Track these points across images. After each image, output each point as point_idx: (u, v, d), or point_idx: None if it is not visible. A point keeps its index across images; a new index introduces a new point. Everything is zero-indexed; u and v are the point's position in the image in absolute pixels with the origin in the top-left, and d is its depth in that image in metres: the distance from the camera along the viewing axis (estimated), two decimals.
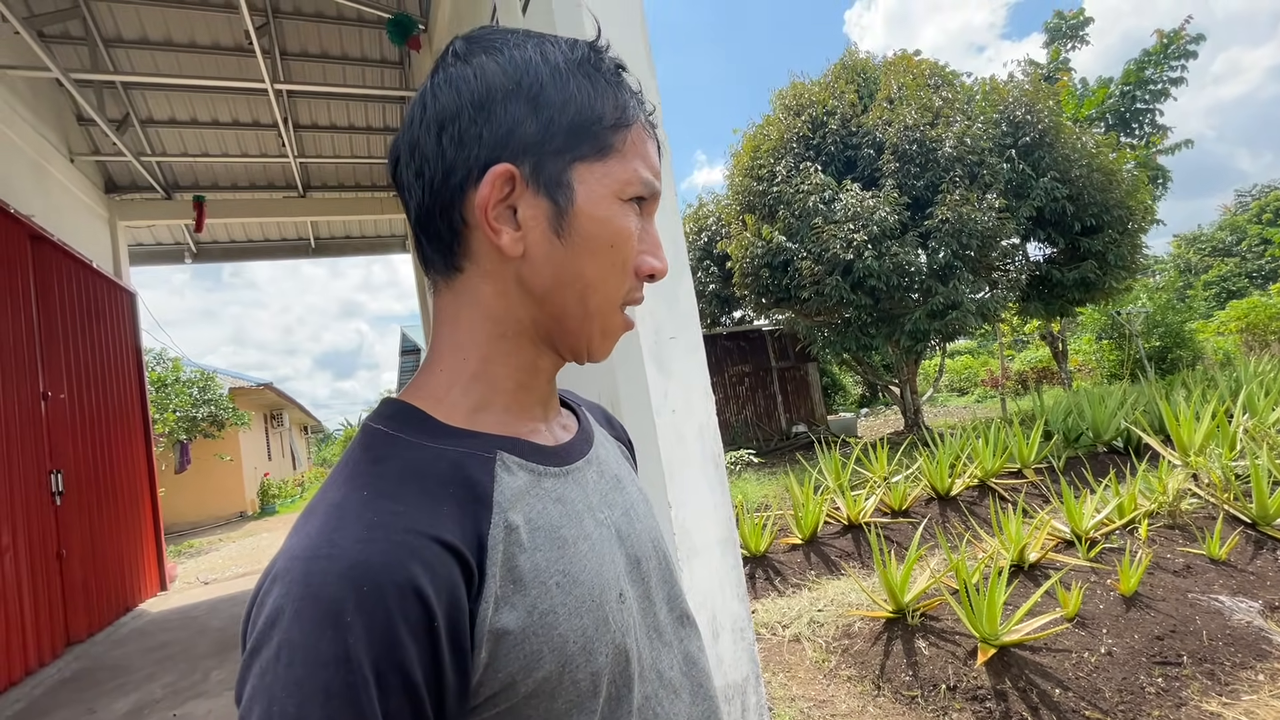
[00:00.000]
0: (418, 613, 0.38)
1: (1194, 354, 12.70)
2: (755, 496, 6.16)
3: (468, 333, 0.51)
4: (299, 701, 0.35)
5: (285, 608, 0.37)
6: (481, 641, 0.41)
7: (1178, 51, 12.32)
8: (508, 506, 0.46)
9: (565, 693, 0.44)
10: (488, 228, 0.48)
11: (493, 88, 0.47)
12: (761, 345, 13.00)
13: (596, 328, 0.52)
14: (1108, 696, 2.29)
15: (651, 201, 0.52)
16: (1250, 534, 3.27)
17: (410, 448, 0.46)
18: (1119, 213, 8.79)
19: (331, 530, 0.40)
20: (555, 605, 0.44)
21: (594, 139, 0.49)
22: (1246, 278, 21.78)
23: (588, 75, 0.49)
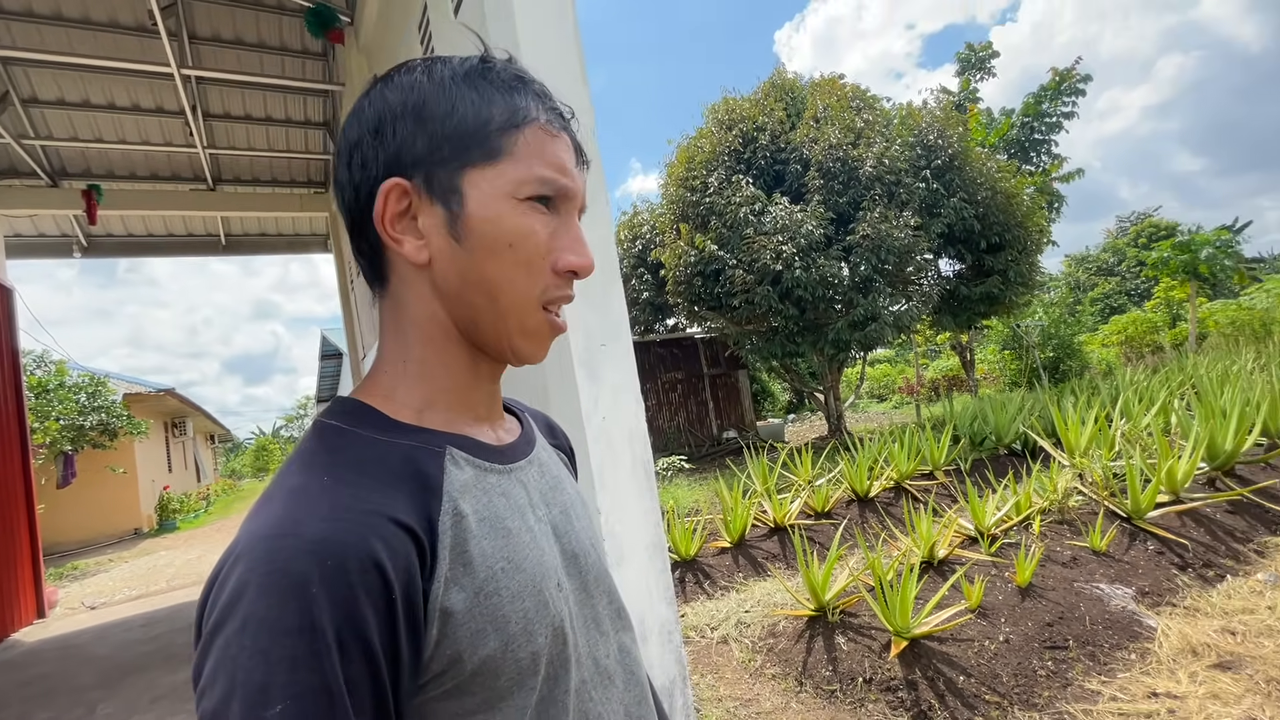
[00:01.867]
0: (378, 585, 0.40)
1: (1082, 364, 13.93)
2: (686, 501, 6.25)
3: (403, 338, 0.54)
4: (265, 670, 0.37)
5: (250, 583, 0.38)
6: (433, 619, 0.43)
7: (1069, 89, 13.53)
8: (457, 496, 0.48)
9: (507, 671, 0.46)
10: (388, 238, 0.51)
11: (384, 112, 0.51)
12: (694, 352, 13.23)
13: (513, 327, 0.53)
14: (1005, 680, 2.47)
15: (563, 199, 0.53)
16: (1126, 527, 3.61)
17: (363, 441, 0.48)
18: (1019, 233, 9.53)
19: (294, 511, 0.42)
20: (499, 588, 0.47)
21: (482, 144, 0.50)
22: (1126, 295, 24.10)
23: (473, 85, 0.51)
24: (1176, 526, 3.62)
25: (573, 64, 1.70)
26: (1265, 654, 2.48)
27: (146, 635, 5.19)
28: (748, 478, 5.54)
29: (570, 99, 0.66)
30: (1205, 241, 12.78)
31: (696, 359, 13.24)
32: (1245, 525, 3.71)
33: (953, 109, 10.46)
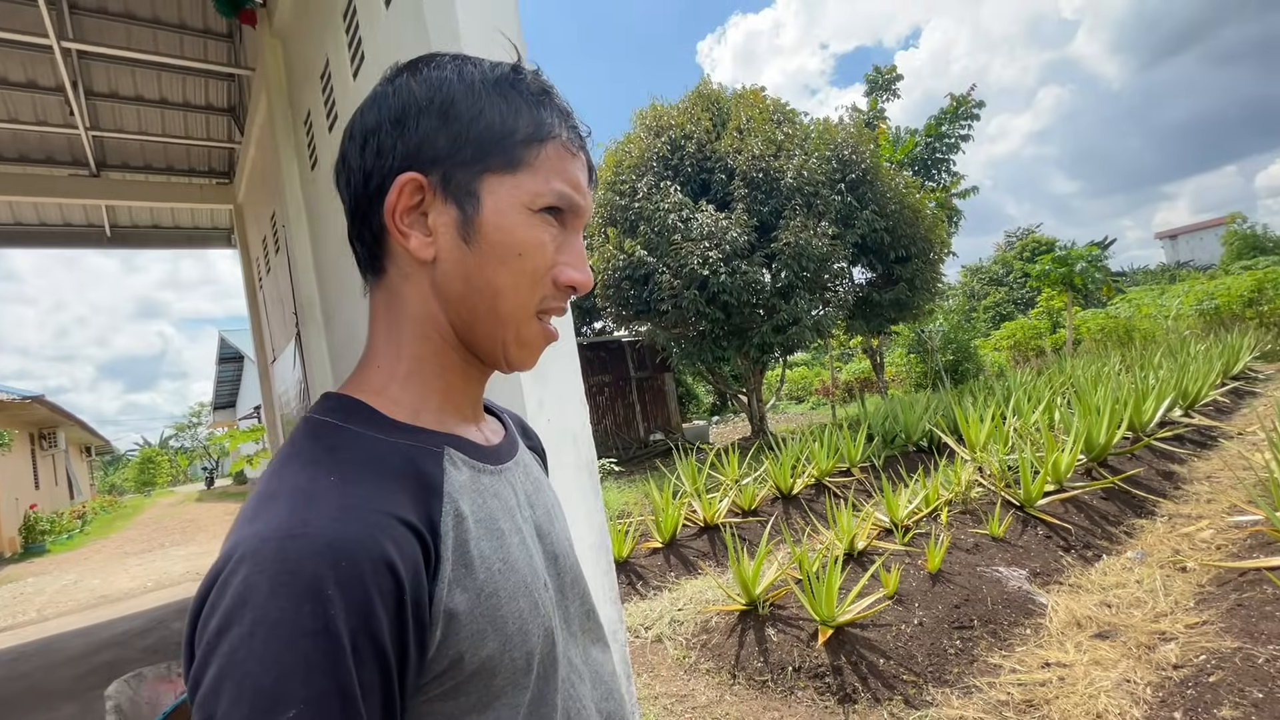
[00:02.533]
0: (390, 586, 0.40)
1: (978, 366, 15.12)
2: (616, 504, 6.28)
3: (398, 332, 0.53)
4: (278, 674, 0.36)
5: (259, 585, 0.37)
6: (438, 620, 0.43)
7: (966, 113, 14.66)
8: (457, 497, 0.48)
9: (504, 671, 0.47)
10: (396, 231, 0.51)
11: (409, 104, 0.50)
12: (621, 356, 13.30)
13: (510, 335, 0.53)
14: (920, 660, 2.66)
15: (572, 215, 0.54)
16: (1020, 514, 3.97)
17: (362, 439, 0.48)
18: (923, 245, 10.24)
19: (303, 510, 0.41)
20: (498, 589, 0.47)
21: (504, 152, 0.51)
22: (1014, 304, 26.36)
23: (503, 93, 0.51)
24: (1061, 513, 4.01)
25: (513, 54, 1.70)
26: (1135, 622, 2.80)
27: (14, 672, 4.63)
28: (677, 479, 5.64)
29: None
30: (1079, 256, 14.21)
31: (623, 362, 13.32)
32: (1116, 510, 4.17)
33: (864, 126, 11.10)
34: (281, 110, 3.95)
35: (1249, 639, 2.38)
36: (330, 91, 2.96)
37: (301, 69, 3.58)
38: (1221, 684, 2.17)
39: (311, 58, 3.28)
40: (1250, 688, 2.11)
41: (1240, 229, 28.34)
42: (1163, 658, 2.46)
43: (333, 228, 3.26)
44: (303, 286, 3.84)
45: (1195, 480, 4.80)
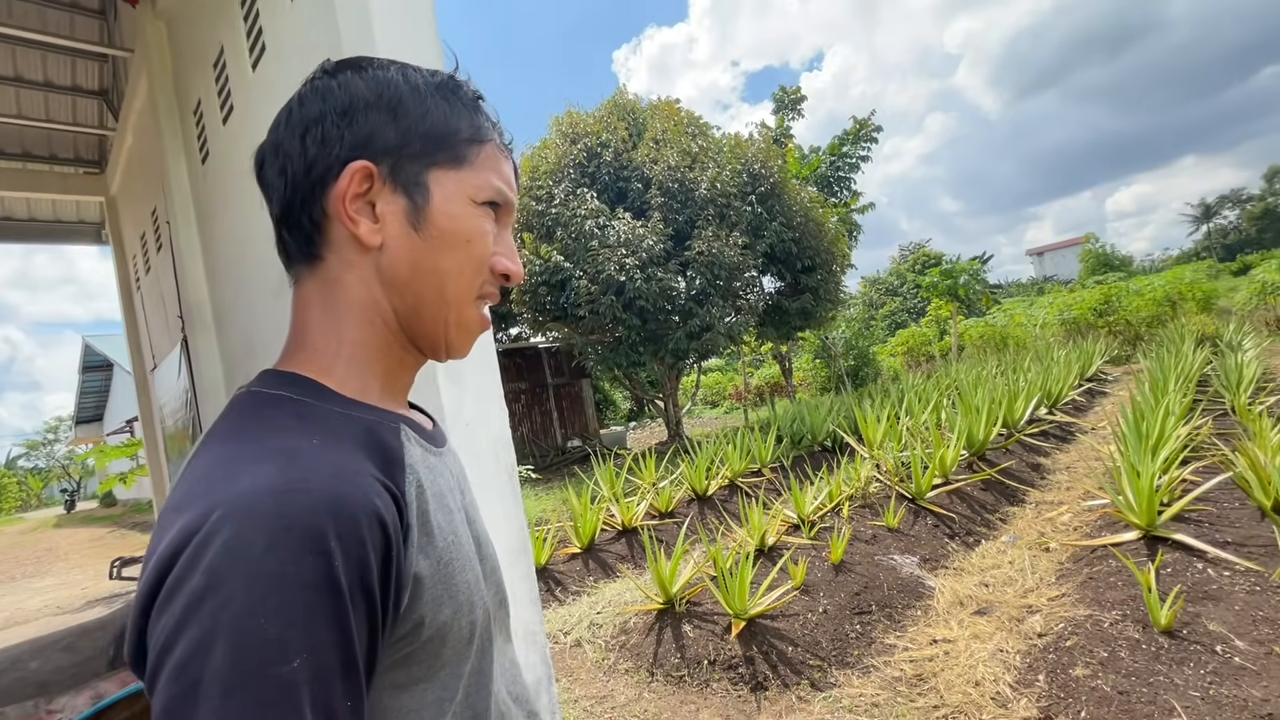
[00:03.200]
0: (382, 541, 0.42)
1: (876, 371, 16.18)
2: (534, 511, 6.22)
3: (338, 318, 0.54)
4: (280, 625, 0.36)
5: (254, 541, 0.38)
6: (407, 582, 0.45)
7: (866, 135, 15.71)
8: (417, 469, 0.51)
9: (452, 639, 0.49)
10: (345, 217, 0.52)
11: (356, 98, 0.53)
12: (538, 362, 13.16)
13: (453, 317, 0.56)
14: (824, 646, 2.83)
15: (505, 211, 0.59)
16: (912, 506, 4.30)
17: (323, 410, 0.49)
18: (827, 256, 10.87)
19: (298, 469, 0.42)
20: (452, 559, 0.50)
21: (450, 149, 0.54)
22: (907, 312, 28.44)
23: (445, 97, 0.55)
24: (947, 503, 4.39)
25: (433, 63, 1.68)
26: (1007, 599, 3.12)
27: None
28: (595, 484, 5.66)
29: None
30: (962, 270, 15.58)
31: (540, 369, 13.19)
32: (993, 499, 4.61)
33: (772, 143, 11.65)
34: (166, 97, 3.65)
35: (1097, 606, 2.72)
36: (225, 81, 2.78)
37: (190, 54, 3.34)
38: (1075, 647, 2.47)
39: (202, 43, 3.06)
40: (1098, 648, 2.41)
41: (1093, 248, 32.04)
42: (1029, 628, 2.76)
43: (228, 225, 3.05)
44: (191, 288, 3.56)
45: (1057, 470, 5.40)
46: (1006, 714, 2.23)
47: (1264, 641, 2.25)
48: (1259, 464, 3.39)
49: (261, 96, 2.42)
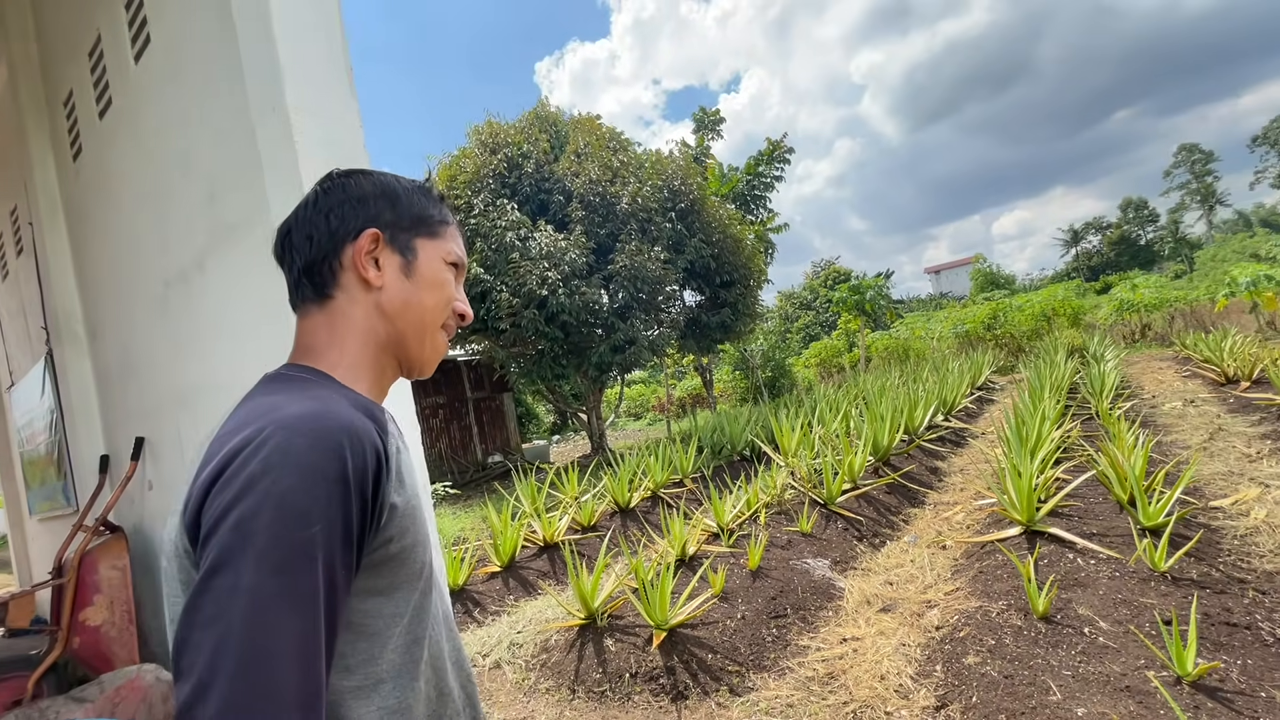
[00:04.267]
0: (375, 463, 0.60)
1: (791, 382, 16.85)
2: (452, 530, 6.01)
3: (342, 342, 0.74)
4: (309, 501, 0.54)
5: (299, 444, 0.56)
6: (385, 507, 0.62)
7: (779, 157, 16.45)
8: (395, 437, 0.69)
9: (407, 566, 0.66)
10: (360, 266, 0.74)
11: (366, 192, 0.77)
12: (457, 376, 12.78)
13: (429, 341, 0.79)
14: (743, 651, 2.90)
15: (461, 269, 0.83)
16: (824, 511, 4.50)
17: (336, 385, 0.70)
18: (745, 272, 11.25)
19: (326, 405, 0.61)
20: (415, 506, 0.67)
21: (428, 226, 0.80)
22: (820, 326, 29.87)
23: (423, 194, 0.82)
24: (855, 507, 4.63)
25: (340, 78, 1.62)
26: (909, 595, 3.32)
27: None
28: (516, 499, 5.56)
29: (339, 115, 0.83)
30: (869, 286, 16.56)
31: (459, 383, 12.82)
32: (896, 501, 4.90)
33: (692, 161, 11.97)
34: (29, 86, 3.30)
35: (986, 598, 2.95)
36: (103, 73, 2.55)
37: (61, 41, 3.04)
38: (968, 637, 2.66)
39: (75, 30, 2.80)
40: (987, 637, 2.61)
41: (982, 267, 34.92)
42: (929, 622, 2.95)
43: (105, 228, 2.79)
44: (58, 297, 3.21)
45: (953, 473, 5.82)
46: (908, 705, 2.37)
47: (1123, 622, 2.51)
48: (1117, 462, 3.80)
49: (145, 91, 2.24)
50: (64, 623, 3.27)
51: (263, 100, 1.54)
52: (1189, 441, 5.38)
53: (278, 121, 1.49)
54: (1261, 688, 2.08)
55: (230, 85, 1.70)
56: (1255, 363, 7.22)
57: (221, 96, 1.77)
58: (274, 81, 1.51)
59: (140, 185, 2.36)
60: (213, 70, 1.81)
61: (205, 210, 1.90)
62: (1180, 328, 14.43)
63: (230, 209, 1.79)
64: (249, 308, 1.77)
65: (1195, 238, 41.53)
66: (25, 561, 5.02)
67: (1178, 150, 45.97)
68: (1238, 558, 3.04)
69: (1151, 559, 2.86)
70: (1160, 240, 42.15)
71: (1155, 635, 2.38)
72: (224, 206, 1.82)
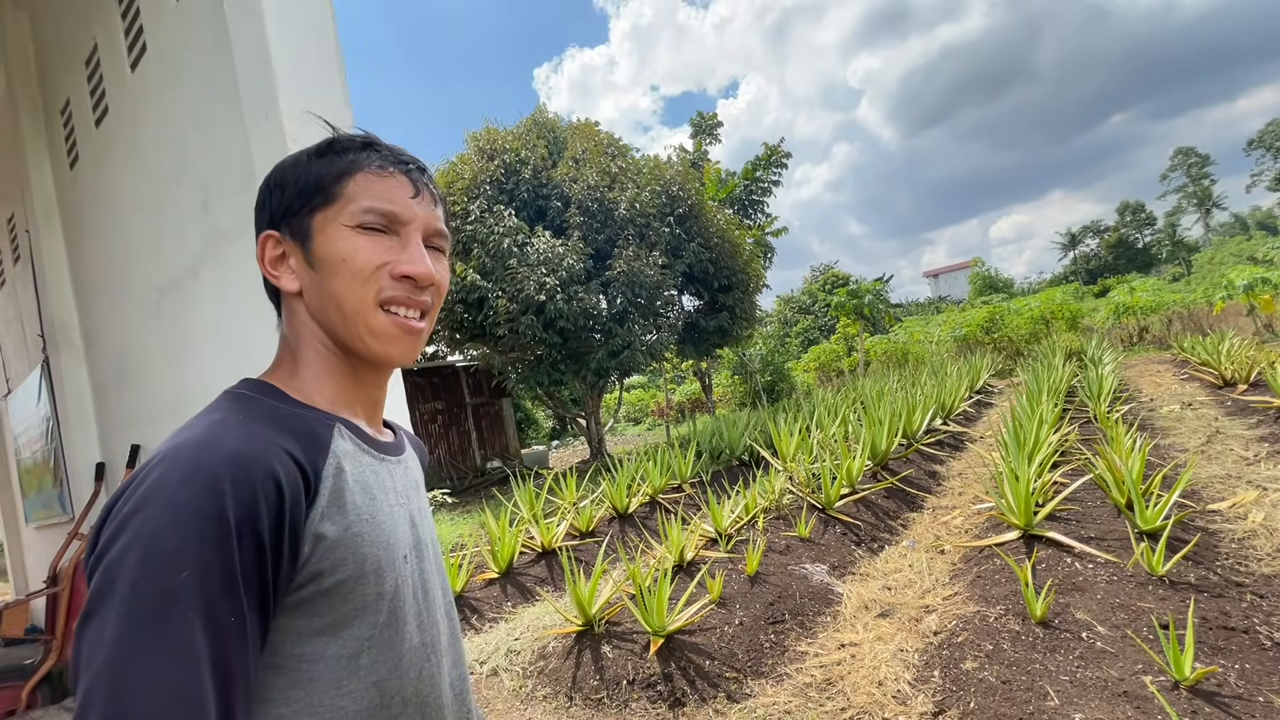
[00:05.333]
0: (274, 495, 0.52)
1: (790, 386, 16.85)
2: (450, 537, 6.00)
3: (295, 346, 0.69)
4: (179, 541, 0.47)
5: (172, 478, 0.50)
6: (308, 537, 0.55)
7: (777, 161, 16.51)
8: (341, 456, 0.62)
9: (355, 599, 0.58)
10: (268, 274, 0.68)
11: (262, 192, 0.69)
12: (455, 381, 12.78)
13: (361, 328, 0.66)
14: (740, 657, 2.89)
15: (395, 223, 0.66)
16: (822, 516, 4.49)
17: (268, 405, 0.62)
18: (742, 276, 11.27)
19: (215, 432, 0.54)
20: (362, 532, 0.60)
21: (320, 192, 0.66)
22: (819, 330, 29.91)
23: (321, 156, 0.67)
24: (854, 512, 4.62)
25: (334, 85, 1.63)
26: (907, 600, 3.31)
27: None
28: (514, 505, 5.54)
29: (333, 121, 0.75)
30: (868, 290, 16.60)
31: (458, 388, 12.81)
32: (895, 506, 4.90)
33: (690, 166, 12.02)
34: (27, 95, 3.32)
35: (984, 603, 2.94)
36: (99, 81, 2.56)
37: (58, 50, 3.05)
38: (965, 642, 2.65)
39: (72, 39, 2.81)
40: (985, 642, 2.61)
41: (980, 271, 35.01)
42: (926, 627, 2.94)
43: (101, 235, 2.79)
44: (54, 304, 3.21)
45: (951, 477, 5.81)
46: (906, 711, 2.36)
47: (1120, 626, 2.51)
48: (1115, 466, 3.80)
49: (141, 99, 2.25)
50: (59, 632, 3.26)
51: (257, 107, 1.55)
52: (1187, 445, 5.38)
53: (271, 128, 1.49)
54: (1260, 692, 2.07)
55: (225, 92, 1.71)
56: (1252, 365, 7.23)
57: (216, 104, 1.77)
58: (268, 88, 1.52)
59: (136, 192, 2.36)
60: (208, 78, 1.82)
61: (200, 217, 1.91)
62: (1178, 331, 14.45)
63: (224, 216, 1.80)
64: (243, 315, 1.77)
65: (1192, 241, 41.65)
66: (21, 569, 5.01)
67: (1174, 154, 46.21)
68: (1235, 561, 3.03)
69: (1149, 563, 2.85)
70: (1158, 243, 42.27)
71: (1153, 639, 2.38)
72: (218, 213, 1.83)
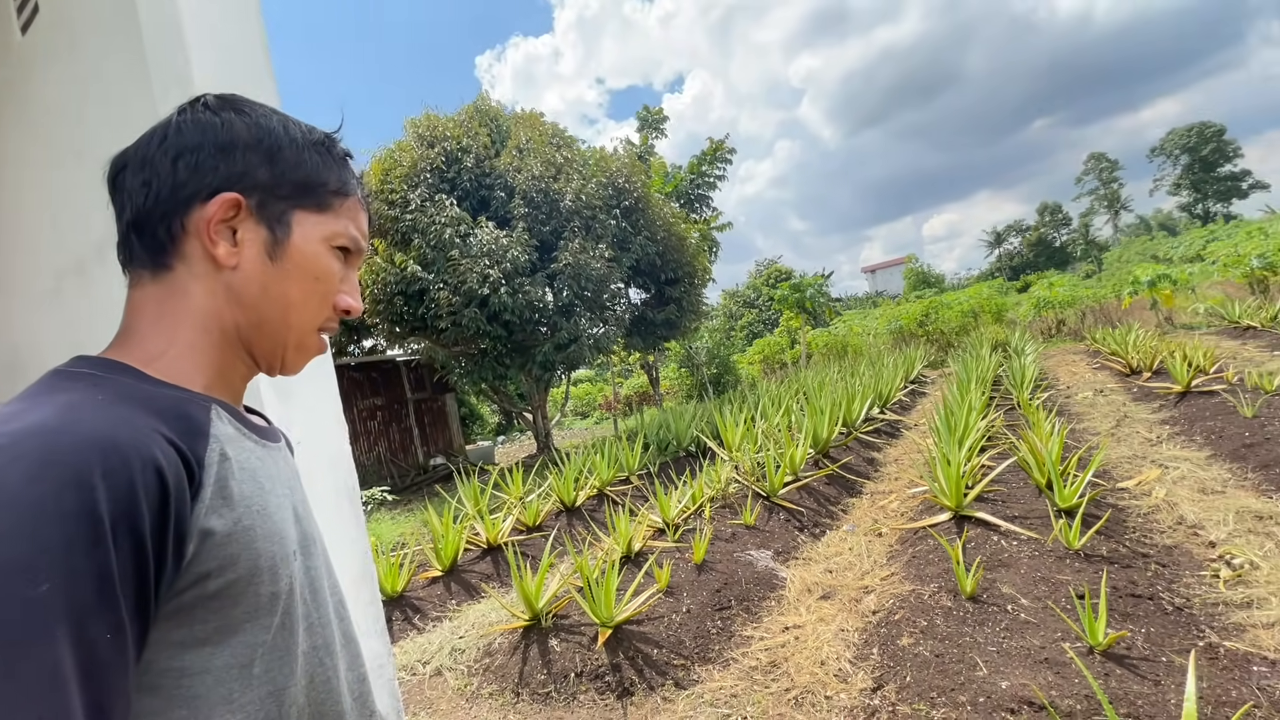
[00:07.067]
0: (156, 486, 0.45)
1: (736, 378, 17.13)
2: (391, 536, 5.81)
3: (175, 320, 0.59)
4: (32, 551, 0.39)
5: (13, 475, 0.41)
6: (193, 535, 0.48)
7: (721, 157, 16.70)
8: (224, 441, 0.54)
9: (247, 601, 0.52)
10: (206, 238, 0.58)
11: (237, 138, 0.59)
12: (396, 376, 12.38)
13: (293, 341, 0.63)
14: (688, 644, 2.92)
15: (356, 256, 0.67)
16: (767, 503, 4.59)
17: (126, 384, 0.52)
18: (689, 270, 11.35)
19: (70, 415, 0.45)
20: (254, 525, 0.53)
21: (316, 196, 0.63)
22: (763, 323, 30.52)
23: (320, 152, 0.64)
24: (797, 498, 4.74)
25: (255, 53, 1.52)
26: (848, 582, 3.42)
27: None
28: (459, 502, 5.42)
29: (252, 91, 0.70)
30: (809, 284, 17.04)
31: (399, 383, 12.41)
32: (836, 492, 5.05)
33: (637, 159, 12.00)
34: None
35: (919, 581, 3.07)
36: None
37: None
38: (902, 620, 2.76)
39: None
40: (920, 619, 2.72)
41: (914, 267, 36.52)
42: (866, 607, 3.05)
43: None
44: None
45: (888, 463, 6.04)
46: (847, 688, 2.43)
47: (1041, 598, 2.66)
48: (1036, 449, 4.04)
49: (33, 65, 2.05)
50: None
51: (166, 74, 1.43)
52: (1099, 428, 5.78)
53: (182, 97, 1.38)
54: (1163, 653, 2.24)
55: (130, 58, 1.57)
56: (1155, 355, 7.83)
57: (121, 70, 1.63)
58: (180, 54, 1.40)
59: (29, 169, 2.16)
60: (110, 42, 1.67)
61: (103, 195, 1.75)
62: (1091, 323, 15.50)
63: None
64: None
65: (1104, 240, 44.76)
66: None
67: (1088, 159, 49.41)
68: (1141, 534, 3.28)
69: (1067, 538, 3.04)
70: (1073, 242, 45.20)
71: (1070, 609, 2.54)
72: None
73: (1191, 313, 13.39)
